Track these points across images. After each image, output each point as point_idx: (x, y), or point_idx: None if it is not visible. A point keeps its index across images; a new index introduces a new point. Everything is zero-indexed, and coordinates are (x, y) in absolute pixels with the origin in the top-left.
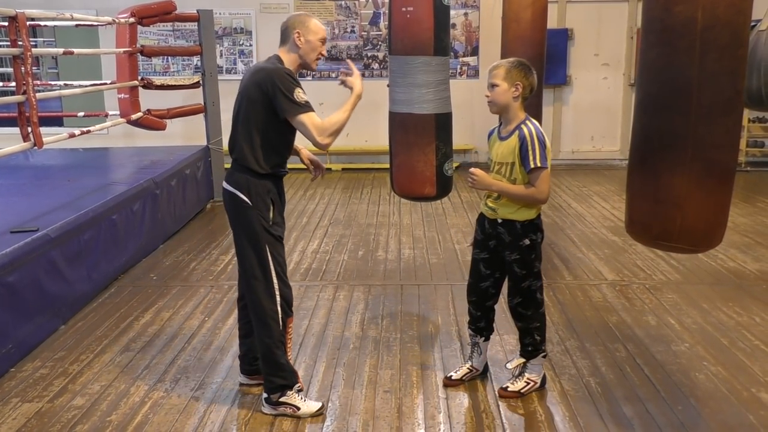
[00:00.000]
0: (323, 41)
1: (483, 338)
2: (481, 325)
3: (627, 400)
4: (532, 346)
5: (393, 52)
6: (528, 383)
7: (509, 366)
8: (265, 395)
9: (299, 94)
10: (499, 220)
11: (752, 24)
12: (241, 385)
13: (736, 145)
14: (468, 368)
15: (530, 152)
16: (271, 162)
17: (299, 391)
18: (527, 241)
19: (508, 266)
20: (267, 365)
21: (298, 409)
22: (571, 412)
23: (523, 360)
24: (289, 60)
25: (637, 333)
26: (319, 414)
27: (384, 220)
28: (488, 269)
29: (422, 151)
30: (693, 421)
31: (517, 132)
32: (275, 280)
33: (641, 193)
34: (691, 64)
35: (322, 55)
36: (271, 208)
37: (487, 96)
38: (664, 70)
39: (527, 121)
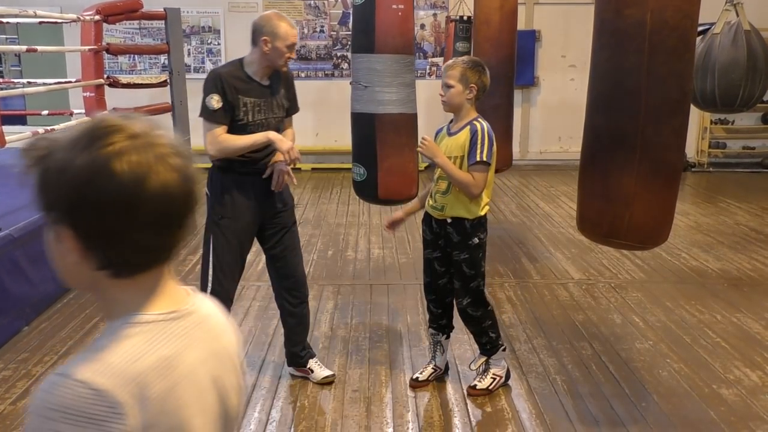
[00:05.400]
0: (291, 47)
1: (445, 336)
2: (443, 322)
3: (592, 397)
4: (489, 344)
5: (379, 50)
6: (494, 378)
7: (473, 367)
8: None
9: (212, 101)
10: (448, 220)
11: (706, 27)
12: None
13: (683, 145)
14: (432, 368)
15: (478, 146)
16: (223, 158)
17: None
18: (476, 240)
19: (456, 266)
20: None
21: None
22: (537, 409)
23: (485, 358)
24: (255, 61)
25: (603, 331)
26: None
27: (353, 219)
28: (442, 267)
29: (411, 151)
30: (656, 417)
31: (468, 127)
32: (210, 272)
33: (591, 191)
34: (640, 66)
35: (290, 58)
36: (224, 202)
37: (442, 95)
38: (615, 72)
39: (479, 119)
